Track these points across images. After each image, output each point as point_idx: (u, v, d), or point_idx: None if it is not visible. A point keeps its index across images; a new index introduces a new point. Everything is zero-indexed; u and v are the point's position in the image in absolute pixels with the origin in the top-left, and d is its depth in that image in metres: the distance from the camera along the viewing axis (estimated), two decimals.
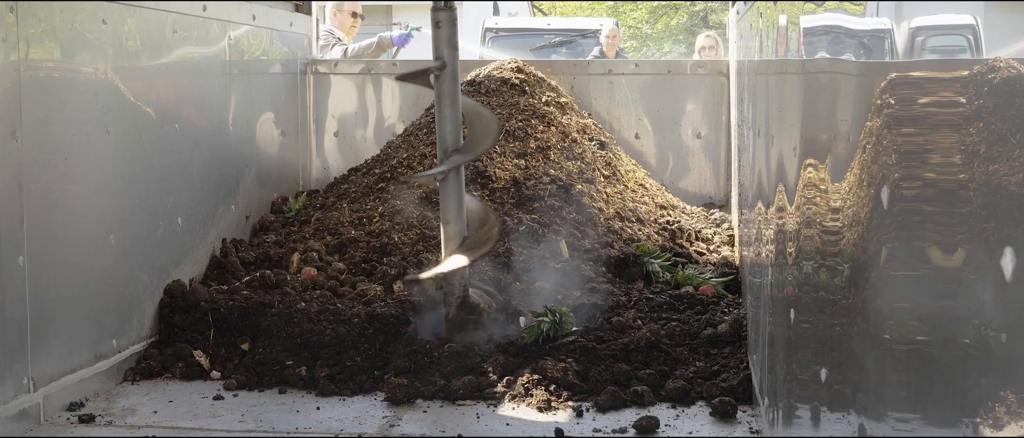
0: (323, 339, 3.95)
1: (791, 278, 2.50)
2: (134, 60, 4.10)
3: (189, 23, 4.59)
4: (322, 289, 4.48)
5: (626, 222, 5.22)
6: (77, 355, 3.65)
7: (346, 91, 6.35)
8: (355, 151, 6.27)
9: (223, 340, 4.14)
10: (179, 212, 4.42)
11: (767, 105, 3.30)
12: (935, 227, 1.40)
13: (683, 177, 6.24)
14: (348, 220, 5.15)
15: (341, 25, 7.63)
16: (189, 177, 4.55)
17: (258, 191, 5.47)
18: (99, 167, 3.82)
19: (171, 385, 3.89)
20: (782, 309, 2.63)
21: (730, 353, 3.90)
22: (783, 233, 2.70)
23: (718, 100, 6.15)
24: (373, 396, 3.73)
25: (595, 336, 3.96)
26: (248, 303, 4.20)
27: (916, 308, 1.47)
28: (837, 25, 2.13)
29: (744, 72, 4.66)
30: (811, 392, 2.17)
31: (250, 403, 3.69)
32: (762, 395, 3.16)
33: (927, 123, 1.47)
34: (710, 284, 4.63)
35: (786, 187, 2.63)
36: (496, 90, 5.79)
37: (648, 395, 3.61)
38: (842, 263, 1.89)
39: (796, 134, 2.48)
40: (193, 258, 4.58)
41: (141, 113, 4.11)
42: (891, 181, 1.54)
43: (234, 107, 5.12)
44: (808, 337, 2.23)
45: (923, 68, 1.58)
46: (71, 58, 3.66)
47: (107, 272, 3.85)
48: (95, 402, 3.67)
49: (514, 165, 5.27)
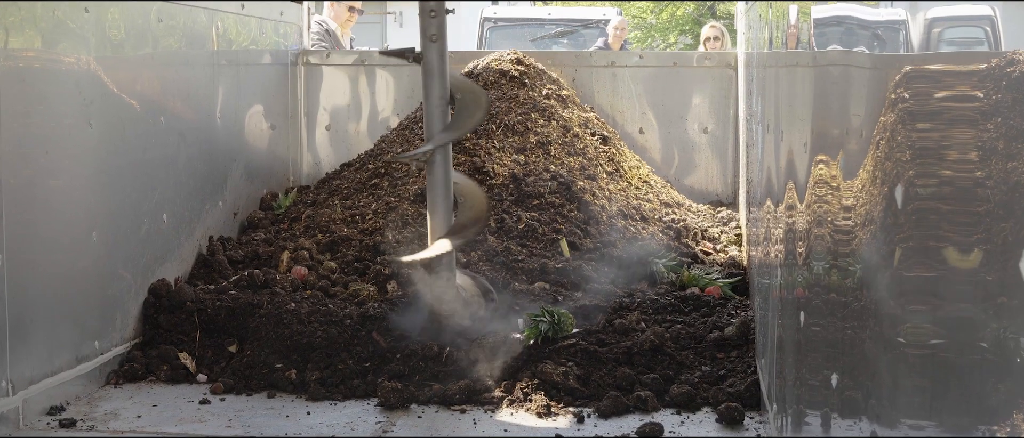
0: (314, 341, 3.95)
1: (801, 279, 2.50)
2: (118, 50, 4.10)
3: (175, 11, 4.59)
4: (313, 289, 4.48)
5: (629, 220, 5.23)
6: (58, 357, 3.65)
7: (338, 83, 6.35)
8: (348, 145, 6.27)
9: (210, 342, 4.14)
10: (164, 208, 4.42)
11: (777, 99, 3.30)
12: (951, 227, 1.40)
13: (689, 174, 6.24)
14: (340, 217, 5.15)
15: (336, 17, 7.65)
16: (175, 172, 4.55)
17: (246, 187, 5.47)
18: (81, 161, 3.82)
19: (155, 388, 3.89)
20: (792, 311, 2.63)
21: (737, 357, 3.90)
22: (793, 232, 2.70)
23: (726, 94, 6.16)
24: (366, 401, 3.73)
25: (597, 339, 3.97)
26: (236, 303, 4.20)
27: (931, 311, 1.47)
28: (850, 16, 2.13)
29: (753, 64, 4.66)
30: (822, 398, 2.17)
31: (238, 407, 3.69)
32: (770, 401, 3.16)
33: (943, 118, 1.47)
34: (717, 285, 4.63)
35: (796, 184, 2.64)
36: (495, 82, 5.79)
37: (652, 400, 3.61)
38: (854, 264, 1.89)
39: (807, 129, 2.48)
40: (179, 256, 4.58)
41: (125, 105, 4.11)
42: (905, 179, 1.54)
43: (222, 99, 5.12)
44: (818, 341, 2.23)
45: (939, 61, 1.58)
46: (52, 48, 3.66)
47: (89, 271, 3.85)
48: (76, 406, 3.67)
49: (513, 161, 5.27)
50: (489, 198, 5.03)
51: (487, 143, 5.32)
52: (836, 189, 2.07)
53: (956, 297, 1.37)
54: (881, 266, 1.67)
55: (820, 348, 2.21)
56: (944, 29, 1.63)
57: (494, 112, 5.53)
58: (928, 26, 1.63)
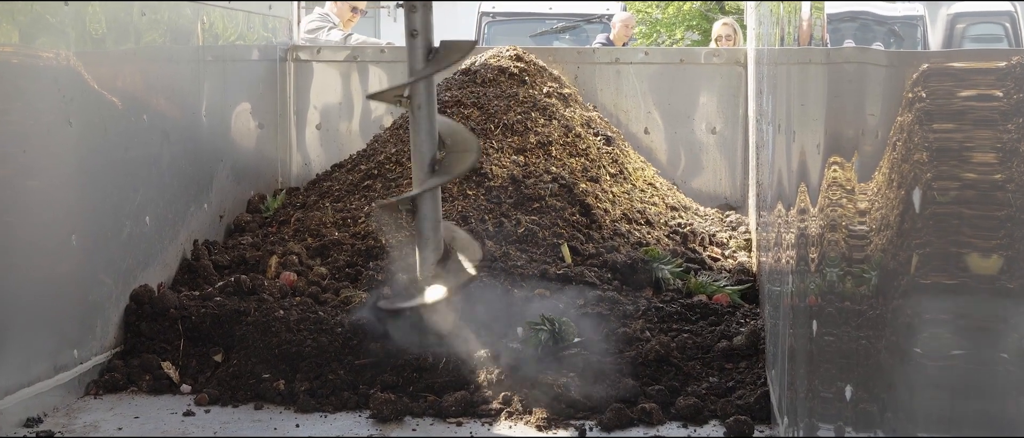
0: (303, 350, 3.95)
1: (813, 286, 2.50)
2: (99, 45, 4.10)
3: (159, 5, 4.59)
4: (302, 296, 4.48)
5: (634, 224, 5.23)
6: (35, 366, 3.65)
7: (329, 80, 6.35)
8: (339, 145, 6.28)
9: (194, 351, 4.14)
10: (147, 211, 4.42)
11: (788, 98, 3.31)
12: (971, 231, 1.41)
13: (696, 176, 6.24)
14: (331, 221, 5.15)
15: (339, 14, 7.71)
16: (158, 172, 4.55)
17: (233, 188, 5.47)
18: (60, 161, 3.82)
19: (137, 399, 3.89)
20: (803, 320, 2.63)
21: (746, 368, 3.91)
22: (805, 237, 2.71)
23: (735, 92, 6.16)
24: (357, 413, 3.73)
25: (599, 348, 3.97)
26: (222, 311, 4.20)
27: (950, 320, 1.47)
28: (865, 11, 2.14)
29: (764, 62, 4.66)
30: (835, 411, 2.17)
31: (223, 420, 3.68)
32: (781, 414, 3.16)
33: (963, 118, 1.48)
34: (725, 292, 4.64)
35: (809, 187, 2.64)
36: (493, 80, 5.80)
37: (657, 413, 3.61)
38: (869, 270, 1.89)
39: (820, 130, 2.48)
40: (162, 261, 4.58)
41: (106, 102, 4.11)
42: (923, 181, 1.54)
43: (207, 96, 5.12)
44: (832, 351, 2.23)
45: (958, 58, 1.58)
46: (30, 42, 3.66)
47: (68, 276, 3.85)
48: (54, 417, 3.67)
49: (512, 162, 5.27)
50: (488, 207, 5.03)
51: (485, 143, 5.33)
52: (850, 192, 2.07)
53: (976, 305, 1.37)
54: (897, 273, 1.67)
55: (833, 359, 2.21)
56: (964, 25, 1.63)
57: (492, 111, 5.54)
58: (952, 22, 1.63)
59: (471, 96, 5.67)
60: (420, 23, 3.95)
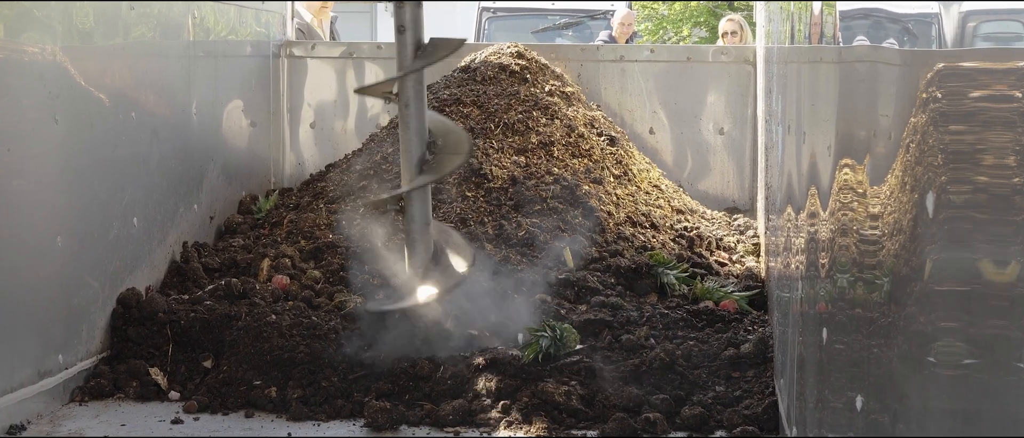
0: (296, 356, 3.95)
1: (824, 293, 2.50)
2: (86, 40, 4.10)
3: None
4: (295, 300, 4.48)
5: (638, 228, 5.23)
6: (18, 372, 3.65)
7: (324, 77, 6.36)
8: (334, 144, 6.28)
9: (183, 356, 4.14)
10: (135, 211, 4.42)
11: (798, 98, 3.31)
12: (986, 237, 1.41)
13: (703, 178, 6.24)
14: (325, 222, 5.15)
15: (309, 7, 7.70)
16: (147, 172, 4.55)
17: (224, 188, 5.47)
18: (46, 159, 3.82)
19: (124, 406, 3.89)
20: (813, 328, 2.63)
21: (754, 376, 3.91)
22: (815, 242, 2.71)
23: (743, 92, 6.16)
24: (351, 421, 3.73)
25: (602, 356, 3.97)
26: (211, 315, 4.20)
27: (964, 328, 1.47)
28: (878, 9, 2.14)
29: (773, 60, 4.66)
30: (845, 421, 2.17)
31: (213, 428, 3.68)
32: (790, 424, 3.16)
33: (978, 120, 1.48)
34: (732, 299, 4.64)
35: (819, 190, 2.64)
36: (494, 78, 5.80)
37: (661, 423, 3.61)
38: (881, 276, 1.89)
39: (831, 131, 2.48)
40: (150, 263, 4.58)
41: (93, 99, 4.11)
42: (937, 185, 1.54)
43: (198, 93, 5.12)
44: (842, 359, 2.23)
45: (973, 58, 1.59)
46: (15, 37, 3.66)
47: (53, 278, 3.85)
48: (38, 425, 3.67)
49: (513, 163, 5.27)
50: (489, 209, 5.03)
51: (485, 143, 5.33)
52: (862, 196, 2.07)
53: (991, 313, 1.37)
54: (910, 279, 1.68)
55: (844, 367, 2.21)
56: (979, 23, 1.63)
57: (493, 109, 5.54)
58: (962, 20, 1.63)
59: (471, 94, 5.67)
60: (409, 19, 3.96)
